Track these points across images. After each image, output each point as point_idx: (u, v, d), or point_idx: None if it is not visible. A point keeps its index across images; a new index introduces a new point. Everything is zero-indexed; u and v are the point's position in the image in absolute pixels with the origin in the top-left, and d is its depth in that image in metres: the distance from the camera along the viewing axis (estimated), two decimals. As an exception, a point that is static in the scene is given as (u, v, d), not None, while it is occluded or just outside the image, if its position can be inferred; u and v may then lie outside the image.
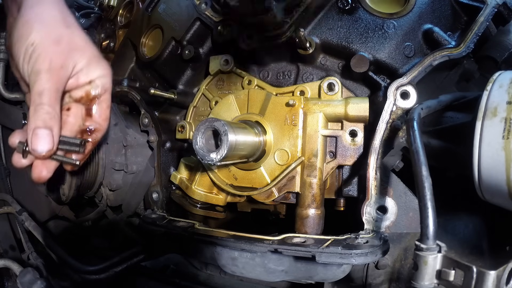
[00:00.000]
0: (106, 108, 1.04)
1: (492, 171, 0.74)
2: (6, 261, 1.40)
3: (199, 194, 1.23)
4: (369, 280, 1.09)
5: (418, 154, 0.79)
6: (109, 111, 1.06)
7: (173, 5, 1.44)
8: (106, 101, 1.04)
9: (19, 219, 1.66)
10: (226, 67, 1.25)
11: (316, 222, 1.08)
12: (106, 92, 1.03)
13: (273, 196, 1.13)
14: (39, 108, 0.90)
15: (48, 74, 0.89)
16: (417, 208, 0.76)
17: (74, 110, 1.03)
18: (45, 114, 0.90)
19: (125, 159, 1.49)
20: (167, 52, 1.39)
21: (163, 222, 1.20)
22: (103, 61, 1.03)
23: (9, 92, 1.69)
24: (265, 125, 1.12)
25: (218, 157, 0.91)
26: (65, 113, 1.02)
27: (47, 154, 0.92)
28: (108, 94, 1.04)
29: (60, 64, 0.91)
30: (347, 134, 1.09)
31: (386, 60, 1.07)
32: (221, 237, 1.05)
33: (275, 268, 1.03)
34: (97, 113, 1.04)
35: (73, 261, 1.41)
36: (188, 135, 1.33)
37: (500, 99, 0.75)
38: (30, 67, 0.91)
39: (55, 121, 0.92)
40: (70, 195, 1.44)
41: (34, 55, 0.90)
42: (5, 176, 1.85)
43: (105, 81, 1.02)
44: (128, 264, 1.41)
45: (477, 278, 0.70)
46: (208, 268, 1.50)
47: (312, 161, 1.09)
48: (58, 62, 0.91)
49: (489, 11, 1.04)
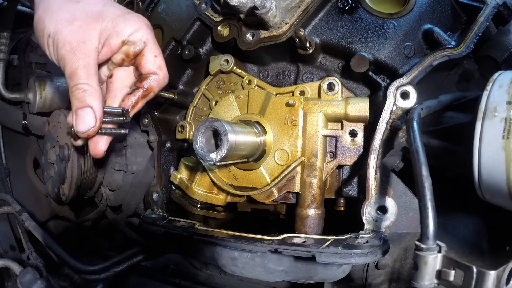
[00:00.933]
0: (154, 57, 1.02)
1: (492, 171, 0.74)
2: (6, 261, 1.40)
3: (199, 194, 1.23)
4: (369, 280, 1.09)
5: (418, 154, 0.79)
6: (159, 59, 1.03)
7: (173, 5, 1.44)
8: (150, 52, 1.02)
9: (19, 219, 1.66)
10: (226, 67, 1.25)
11: (316, 222, 1.08)
12: (148, 44, 1.01)
13: (273, 196, 1.13)
14: (74, 89, 0.91)
15: (71, 55, 0.90)
16: (417, 208, 0.76)
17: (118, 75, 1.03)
18: (81, 93, 0.91)
19: (125, 159, 1.49)
20: (167, 52, 1.39)
21: (163, 222, 1.20)
22: (131, 16, 0.99)
23: (9, 92, 1.70)
24: (265, 125, 1.12)
25: (218, 157, 0.91)
26: (109, 81, 1.03)
27: (92, 132, 0.94)
28: (151, 44, 1.01)
29: (79, 41, 0.91)
30: (347, 134, 1.09)
31: (386, 60, 1.07)
32: (221, 237, 1.05)
33: (275, 268, 1.03)
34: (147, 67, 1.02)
35: (73, 261, 1.41)
36: (188, 135, 1.33)
37: (500, 99, 0.75)
38: (56, 56, 0.93)
39: (93, 97, 0.92)
40: (70, 195, 1.44)
41: (55, 44, 0.91)
42: (5, 176, 1.85)
43: (140, 34, 0.99)
44: (128, 264, 1.42)
45: (477, 278, 0.71)
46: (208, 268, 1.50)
47: (312, 161, 1.09)
48: (77, 40, 0.91)
49: (489, 11, 1.04)
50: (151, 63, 1.02)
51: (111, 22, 0.96)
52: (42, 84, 1.65)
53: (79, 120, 0.92)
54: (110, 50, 0.98)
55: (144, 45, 1.01)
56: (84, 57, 0.91)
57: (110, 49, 0.98)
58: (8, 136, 1.89)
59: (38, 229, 1.59)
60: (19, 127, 1.73)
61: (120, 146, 1.50)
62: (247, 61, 1.29)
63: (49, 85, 1.65)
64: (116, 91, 1.03)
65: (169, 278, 1.59)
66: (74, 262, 1.41)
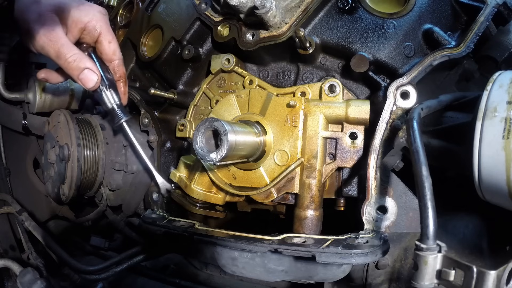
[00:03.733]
0: (108, 43, 1.22)
1: (492, 171, 0.74)
2: (6, 261, 1.40)
3: (198, 193, 1.22)
4: (369, 280, 1.09)
5: (418, 154, 0.79)
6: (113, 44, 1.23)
7: (173, 5, 1.44)
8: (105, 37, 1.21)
9: (19, 219, 1.66)
10: (228, 66, 1.25)
11: (314, 224, 1.08)
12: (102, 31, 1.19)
13: (272, 197, 1.12)
14: (66, 64, 1.11)
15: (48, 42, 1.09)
16: (417, 208, 0.76)
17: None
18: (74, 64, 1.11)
19: (125, 159, 1.49)
20: (167, 52, 1.39)
21: (163, 222, 1.20)
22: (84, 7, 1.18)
23: (9, 92, 1.69)
24: (265, 125, 1.12)
25: (218, 157, 0.91)
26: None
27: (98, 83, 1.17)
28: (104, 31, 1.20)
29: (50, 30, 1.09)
30: (347, 136, 1.09)
31: (386, 60, 1.07)
32: (221, 237, 1.05)
33: (275, 268, 1.03)
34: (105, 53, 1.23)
35: (73, 261, 1.41)
36: (188, 133, 1.33)
37: (500, 99, 0.75)
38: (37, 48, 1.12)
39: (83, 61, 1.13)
40: (70, 195, 1.44)
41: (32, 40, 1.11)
42: (5, 176, 1.85)
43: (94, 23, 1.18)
44: (128, 264, 1.41)
45: (477, 278, 0.71)
46: (208, 268, 1.50)
47: (311, 162, 1.09)
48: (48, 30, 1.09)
49: (489, 11, 1.04)
50: (107, 48, 1.22)
51: (68, 13, 1.14)
52: (42, 84, 1.65)
53: (84, 82, 1.14)
54: (72, 36, 1.17)
55: (98, 32, 1.19)
56: (59, 39, 1.10)
57: (72, 35, 1.17)
58: (8, 136, 1.89)
59: (38, 229, 1.59)
60: (19, 127, 1.73)
61: (120, 146, 1.50)
62: (247, 61, 1.29)
63: (49, 85, 1.65)
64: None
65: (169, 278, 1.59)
66: (74, 262, 1.41)
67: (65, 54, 1.10)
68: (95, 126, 1.51)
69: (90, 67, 1.13)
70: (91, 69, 1.14)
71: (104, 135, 1.50)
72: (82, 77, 1.13)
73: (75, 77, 1.14)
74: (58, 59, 1.11)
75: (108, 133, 1.51)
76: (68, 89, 1.69)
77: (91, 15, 1.17)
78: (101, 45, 1.22)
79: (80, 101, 1.74)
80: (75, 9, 1.15)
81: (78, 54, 1.12)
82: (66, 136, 1.42)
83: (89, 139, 1.45)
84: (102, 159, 1.47)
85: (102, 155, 1.47)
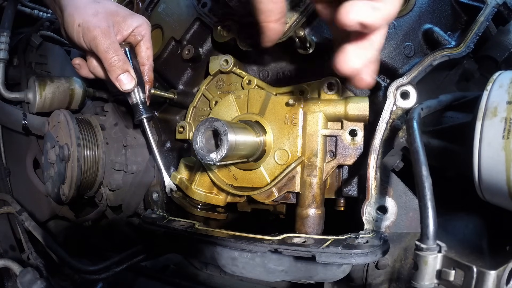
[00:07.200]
0: (146, 49, 1.33)
1: (492, 171, 0.74)
2: (6, 261, 1.40)
3: (199, 194, 1.22)
4: (369, 280, 1.09)
5: (418, 154, 0.79)
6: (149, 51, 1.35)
7: (173, 5, 1.44)
8: (144, 44, 1.33)
9: (19, 219, 1.66)
10: (226, 67, 1.25)
11: (316, 222, 1.08)
12: (144, 38, 1.32)
13: (273, 196, 1.12)
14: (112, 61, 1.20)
15: (102, 35, 1.19)
16: (417, 208, 0.76)
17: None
18: (119, 63, 1.21)
19: (125, 159, 1.49)
20: (167, 52, 1.39)
21: (163, 222, 1.20)
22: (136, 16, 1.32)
23: (9, 92, 1.69)
24: (265, 125, 1.12)
25: (218, 157, 0.91)
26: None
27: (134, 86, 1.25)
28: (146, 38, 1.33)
29: (105, 27, 1.20)
30: (347, 133, 1.09)
31: (386, 60, 1.07)
32: (221, 237, 1.05)
33: (275, 268, 1.03)
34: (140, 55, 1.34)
35: (73, 261, 1.41)
36: (188, 135, 1.33)
37: (500, 99, 0.75)
38: (86, 39, 1.20)
39: (127, 65, 1.23)
40: (70, 195, 1.44)
41: (84, 30, 1.19)
42: (5, 176, 1.85)
43: (141, 29, 1.31)
44: (128, 264, 1.41)
45: (477, 278, 0.71)
46: (208, 268, 1.50)
47: (312, 160, 1.09)
48: (104, 26, 1.20)
49: (489, 11, 1.04)
50: (144, 52, 1.33)
51: (123, 18, 1.28)
52: (42, 84, 1.64)
53: (122, 83, 1.22)
54: (122, 37, 1.29)
55: (141, 38, 1.31)
56: (111, 37, 1.21)
57: (122, 36, 1.29)
58: (8, 136, 1.89)
59: (38, 229, 1.59)
60: (19, 127, 1.73)
61: (120, 146, 1.50)
62: (247, 61, 1.29)
63: (49, 85, 1.65)
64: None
65: (169, 278, 1.59)
66: (74, 262, 1.41)
67: (114, 51, 1.20)
68: (95, 126, 1.51)
69: (130, 71, 1.23)
70: (131, 74, 1.23)
71: (104, 135, 1.50)
72: (121, 78, 1.22)
73: (113, 77, 1.22)
74: (104, 53, 1.19)
75: (108, 133, 1.52)
76: (68, 89, 1.69)
77: (140, 23, 1.31)
78: (139, 49, 1.33)
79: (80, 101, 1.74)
80: (129, 16, 1.30)
81: (123, 57, 1.22)
82: (66, 136, 1.42)
83: (89, 139, 1.45)
84: (102, 159, 1.47)
85: (102, 155, 1.47)
